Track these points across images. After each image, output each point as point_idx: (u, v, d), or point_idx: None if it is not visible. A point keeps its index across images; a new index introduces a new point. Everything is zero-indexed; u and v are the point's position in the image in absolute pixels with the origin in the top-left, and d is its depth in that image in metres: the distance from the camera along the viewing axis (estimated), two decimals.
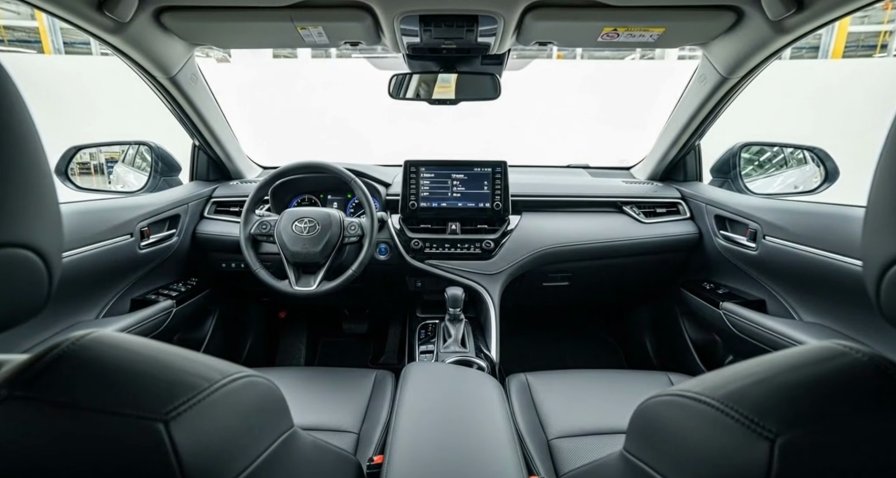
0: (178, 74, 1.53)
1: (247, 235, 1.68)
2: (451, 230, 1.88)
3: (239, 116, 2.32)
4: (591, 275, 2.03)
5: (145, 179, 1.98)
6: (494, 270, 1.83)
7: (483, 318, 1.83)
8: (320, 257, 1.64)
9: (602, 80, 12.23)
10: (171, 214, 1.78)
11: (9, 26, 22.53)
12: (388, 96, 1.77)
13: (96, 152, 2.57)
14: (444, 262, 1.85)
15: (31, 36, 23.17)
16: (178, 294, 1.74)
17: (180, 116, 1.78)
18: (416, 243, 1.85)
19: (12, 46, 19.91)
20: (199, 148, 2.03)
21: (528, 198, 1.97)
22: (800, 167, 1.97)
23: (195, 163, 2.06)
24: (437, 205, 1.89)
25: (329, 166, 1.71)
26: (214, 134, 1.93)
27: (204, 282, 1.95)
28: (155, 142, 1.99)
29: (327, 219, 1.66)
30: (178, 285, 1.82)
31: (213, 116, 1.87)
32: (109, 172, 2.22)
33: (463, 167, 1.89)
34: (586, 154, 2.45)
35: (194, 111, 1.76)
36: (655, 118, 2.22)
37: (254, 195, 1.71)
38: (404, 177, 1.89)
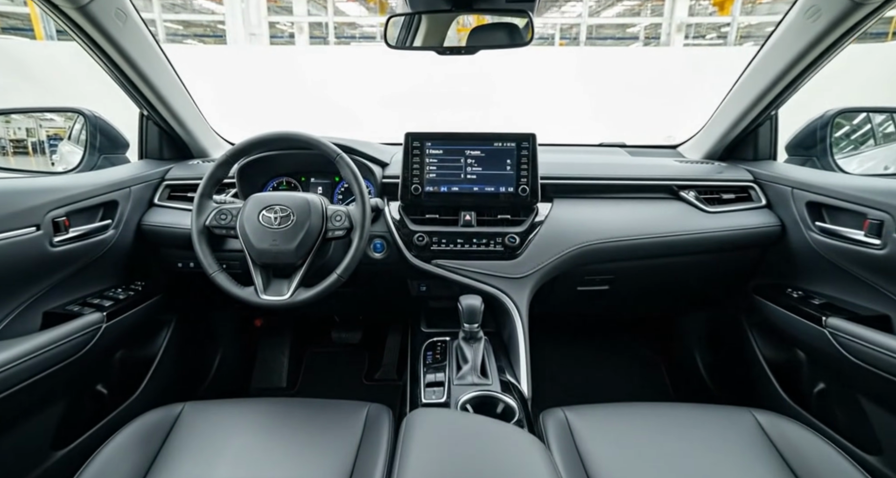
0: (90, 3, 1.12)
1: (199, 228, 1.29)
2: (464, 222, 1.49)
3: (230, 99, 1.96)
4: (637, 277, 1.64)
5: (78, 158, 1.57)
6: (521, 272, 1.43)
7: (506, 334, 1.44)
8: (295, 257, 1.25)
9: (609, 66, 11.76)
10: (105, 201, 1.38)
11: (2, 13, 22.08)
12: (386, 45, 1.36)
13: (36, 127, 2.17)
14: (455, 262, 1.46)
15: (26, 23, 22.81)
16: (113, 304, 1.35)
17: (112, 74, 1.38)
18: (420, 238, 1.45)
19: (6, 34, 19.49)
20: (147, 118, 1.62)
21: (561, 180, 1.57)
22: None
23: (143, 137, 1.65)
24: (448, 189, 1.50)
25: (305, 137, 1.31)
26: (164, 100, 1.52)
27: (154, 286, 1.55)
28: (91, 109, 1.58)
29: (305, 206, 1.27)
30: (115, 292, 1.42)
31: (160, 76, 1.47)
32: (53, 152, 1.80)
33: (480, 141, 1.49)
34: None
35: (131, 66, 1.35)
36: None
37: (210, 176, 1.31)
38: (405, 154, 1.49)
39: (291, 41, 14.55)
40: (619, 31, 29.19)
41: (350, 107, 9.87)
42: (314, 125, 1.44)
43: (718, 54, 15.02)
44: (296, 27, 20.58)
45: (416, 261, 1.46)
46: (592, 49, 14.36)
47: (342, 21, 25.14)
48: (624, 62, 12.46)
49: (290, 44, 14.32)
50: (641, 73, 10.95)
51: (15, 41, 13.92)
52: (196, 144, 1.72)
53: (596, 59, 12.54)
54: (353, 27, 28.78)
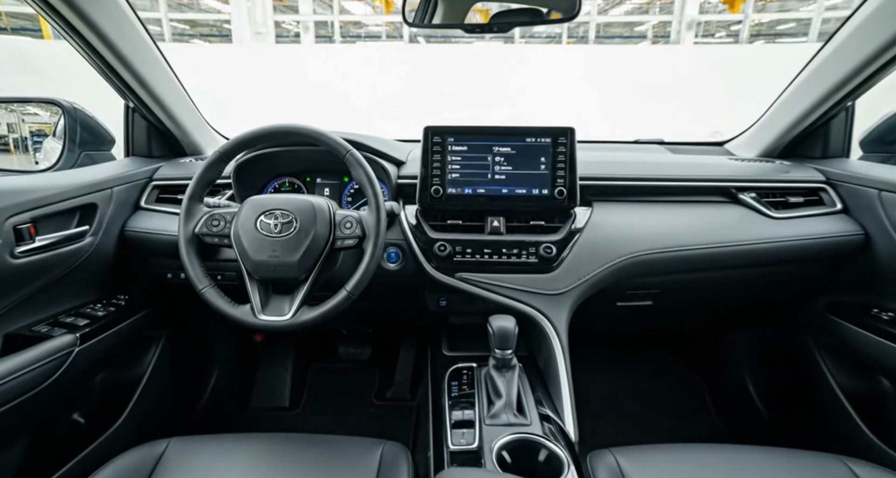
0: None
1: (188, 236, 1.10)
2: (491, 228, 1.30)
3: (232, 96, 1.79)
4: (686, 291, 1.44)
5: (56, 155, 1.40)
6: (558, 288, 1.24)
7: (542, 359, 1.25)
8: (298, 271, 1.07)
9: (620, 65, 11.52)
10: (81, 204, 1.20)
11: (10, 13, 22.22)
12: (404, 23, 1.17)
13: (18, 122, 2.03)
14: (482, 275, 1.27)
15: (35, 24, 23.03)
16: (89, 322, 1.17)
17: (87, 56, 1.20)
18: (441, 248, 1.26)
19: (16, 34, 19.60)
20: (133, 110, 1.44)
21: (601, 181, 1.37)
22: None
23: (129, 132, 1.47)
24: (472, 191, 1.31)
25: (310, 131, 1.13)
26: (151, 89, 1.34)
27: (140, 299, 1.37)
28: (71, 101, 1.41)
29: (309, 211, 1.08)
30: (94, 308, 1.24)
31: (145, 62, 1.29)
32: (37, 150, 1.63)
33: (510, 137, 1.30)
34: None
35: (108, 48, 1.17)
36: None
37: (200, 176, 1.13)
38: (425, 151, 1.30)
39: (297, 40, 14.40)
40: (626, 30, 28.89)
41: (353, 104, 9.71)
42: (318, 122, 1.26)
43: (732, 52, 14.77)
44: (301, 26, 20.45)
45: (438, 274, 1.27)
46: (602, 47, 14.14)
47: (348, 20, 25.00)
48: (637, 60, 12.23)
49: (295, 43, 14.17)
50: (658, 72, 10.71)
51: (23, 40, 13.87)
52: (189, 140, 1.54)
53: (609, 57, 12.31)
54: (359, 26, 28.65)
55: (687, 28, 18.73)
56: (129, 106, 1.43)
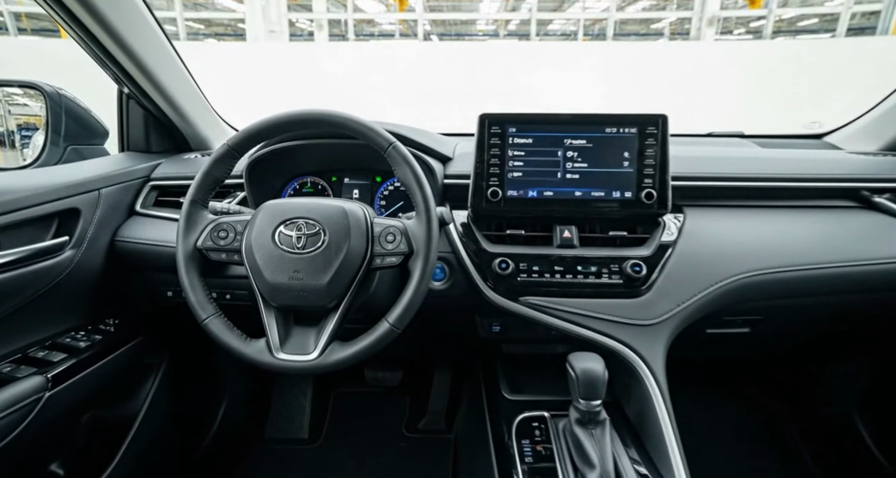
0: None
1: (188, 251, 0.87)
2: (562, 240, 1.05)
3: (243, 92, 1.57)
4: (796, 317, 1.18)
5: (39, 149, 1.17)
6: (652, 317, 0.98)
7: (634, 409, 0.99)
8: (328, 297, 0.83)
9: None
10: (60, 209, 0.97)
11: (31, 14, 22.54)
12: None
13: (4, 115, 1.84)
14: (553, 300, 1.01)
15: (53, 24, 23.51)
16: (66, 357, 0.94)
17: (79, 38, 0.98)
18: (503, 265, 1.02)
19: (35, 35, 19.90)
20: (128, 97, 1.22)
21: (694, 181, 1.12)
22: None
23: (124, 122, 1.25)
24: (538, 194, 1.06)
25: (344, 118, 0.88)
26: (150, 72, 1.12)
27: (133, 324, 1.14)
28: (54, 86, 1.18)
29: (341, 220, 0.85)
30: (76, 336, 1.01)
31: (143, 39, 1.06)
32: (25, 146, 1.41)
33: (586, 126, 1.05)
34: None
35: (93, 18, 0.94)
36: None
37: (204, 176, 0.89)
38: (480, 144, 1.05)
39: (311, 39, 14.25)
40: (642, 27, 28.36)
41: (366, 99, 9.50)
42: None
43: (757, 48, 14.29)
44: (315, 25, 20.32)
45: (497, 297, 1.02)
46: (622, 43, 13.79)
47: (361, 18, 24.86)
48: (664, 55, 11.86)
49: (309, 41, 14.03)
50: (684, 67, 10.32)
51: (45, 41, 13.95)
52: (194, 133, 1.31)
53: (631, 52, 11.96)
54: (372, 25, 28.51)
55: (708, 24, 18.24)
56: (124, 92, 1.21)
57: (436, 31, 28.94)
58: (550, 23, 27.04)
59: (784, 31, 24.25)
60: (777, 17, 21.60)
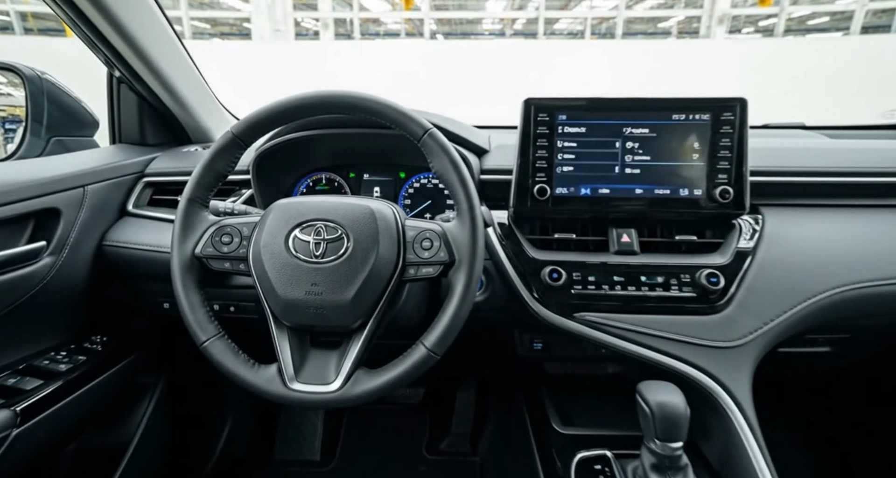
0: None
1: (184, 259, 0.73)
2: (620, 245, 0.90)
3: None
4: (887, 336, 1.02)
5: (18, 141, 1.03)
6: (734, 337, 0.83)
7: (717, 450, 0.84)
8: (352, 316, 0.69)
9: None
10: (36, 209, 0.83)
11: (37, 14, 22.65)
12: None
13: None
14: (614, 317, 0.86)
15: (59, 24, 23.69)
16: (40, 385, 0.79)
17: (61, 11, 0.84)
18: (554, 275, 0.87)
19: (42, 35, 20.04)
20: (119, 81, 1.07)
21: (774, 177, 0.96)
22: None
23: (115, 110, 1.10)
24: (593, 191, 0.91)
25: (370, 101, 0.73)
26: (144, 52, 0.98)
27: (125, 340, 1.00)
28: (35, 68, 1.04)
29: (369, 223, 0.70)
30: (56, 358, 0.87)
31: (134, 13, 0.91)
32: (9, 140, 1.27)
33: (650, 113, 0.90)
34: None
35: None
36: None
37: (204, 169, 0.75)
38: (525, 133, 0.91)
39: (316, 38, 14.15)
40: (649, 26, 28.12)
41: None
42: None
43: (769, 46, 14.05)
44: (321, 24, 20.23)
45: (548, 312, 0.87)
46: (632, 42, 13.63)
47: (366, 17, 24.75)
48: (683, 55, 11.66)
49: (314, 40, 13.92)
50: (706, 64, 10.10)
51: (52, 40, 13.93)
52: (194, 123, 1.17)
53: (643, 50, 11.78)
54: (378, 24, 28.41)
55: (718, 22, 18.00)
56: (114, 75, 1.06)
57: (441, 31, 28.79)
58: (557, 22, 26.85)
59: (794, 30, 23.96)
60: (787, 15, 21.33)
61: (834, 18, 23.95)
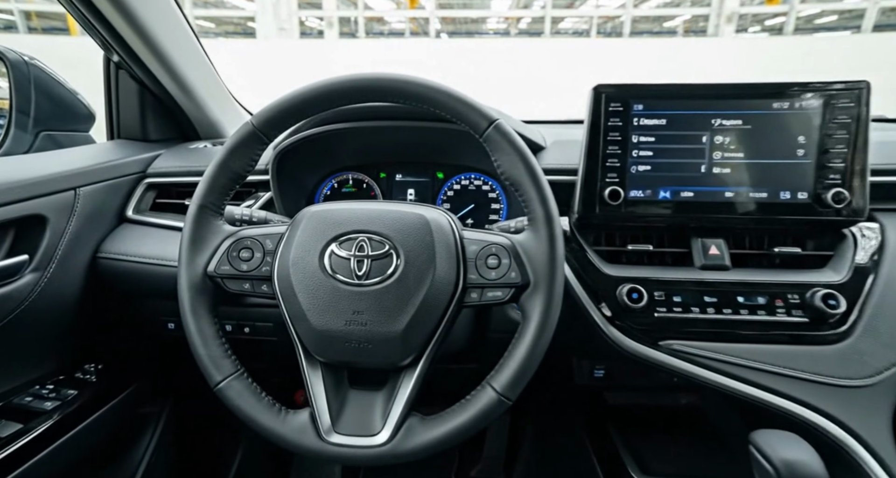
0: None
1: (195, 278, 0.59)
2: (707, 259, 0.76)
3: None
4: None
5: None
6: (864, 373, 0.68)
7: None
8: (403, 351, 0.56)
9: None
10: (16, 216, 0.69)
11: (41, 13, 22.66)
12: None
13: None
14: (703, 345, 0.72)
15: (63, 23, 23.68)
16: (19, 431, 0.65)
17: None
18: (634, 295, 0.72)
19: (46, 34, 20.09)
20: (118, 66, 0.94)
21: (889, 176, 0.82)
22: None
23: (113, 100, 0.97)
24: (673, 195, 0.77)
25: (423, 86, 0.59)
26: (147, 33, 0.84)
27: (124, 367, 0.86)
28: (20, 52, 0.90)
29: (423, 236, 0.58)
30: (40, 394, 0.73)
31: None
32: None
33: (744, 102, 0.76)
34: None
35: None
36: None
37: (218, 169, 0.61)
38: (594, 125, 0.77)
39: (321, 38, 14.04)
40: (655, 26, 27.91)
41: None
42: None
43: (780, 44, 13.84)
44: (325, 22, 20.12)
45: (628, 341, 0.73)
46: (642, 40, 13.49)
47: (371, 16, 24.64)
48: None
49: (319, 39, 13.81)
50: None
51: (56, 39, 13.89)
52: (203, 117, 1.03)
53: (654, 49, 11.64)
54: (382, 23, 28.31)
55: (727, 21, 17.79)
56: (112, 60, 0.93)
57: (446, 30, 28.64)
58: (562, 21, 26.67)
59: (801, 29, 23.72)
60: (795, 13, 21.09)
61: (842, 17, 23.70)
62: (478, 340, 0.90)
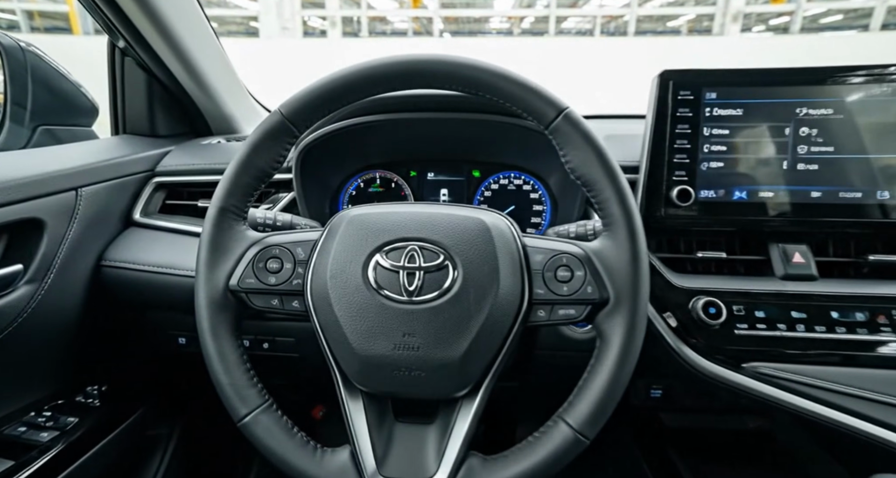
0: None
1: (215, 293, 0.50)
2: (790, 268, 0.67)
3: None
4: None
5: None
6: None
7: None
8: (461, 380, 0.48)
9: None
10: (10, 220, 0.61)
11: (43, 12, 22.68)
12: None
13: None
14: (790, 368, 0.63)
15: (66, 23, 23.72)
16: (10, 469, 0.56)
17: None
18: (711, 310, 0.63)
19: (48, 33, 20.16)
20: (124, 53, 0.85)
21: None
22: None
23: (118, 91, 0.88)
24: (750, 195, 0.69)
25: (475, 70, 0.50)
26: (157, 14, 0.75)
27: (128, 388, 0.77)
28: (15, 38, 0.82)
29: (483, 244, 0.49)
30: (38, 424, 0.64)
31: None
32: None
33: (835, 88, 0.66)
34: None
35: None
36: None
37: (241, 167, 0.51)
38: (659, 117, 0.68)
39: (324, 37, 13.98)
40: (659, 25, 27.78)
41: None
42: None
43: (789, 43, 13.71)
44: (328, 22, 20.06)
45: (706, 363, 0.64)
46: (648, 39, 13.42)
47: (374, 15, 24.57)
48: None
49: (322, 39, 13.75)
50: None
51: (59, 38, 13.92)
52: (217, 110, 0.94)
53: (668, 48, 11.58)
54: (385, 22, 28.26)
55: (732, 20, 17.66)
56: (117, 46, 0.84)
57: (449, 29, 28.56)
58: (565, 20, 26.56)
59: (806, 29, 23.58)
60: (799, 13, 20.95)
61: (847, 16, 23.53)
62: (521, 355, 0.81)
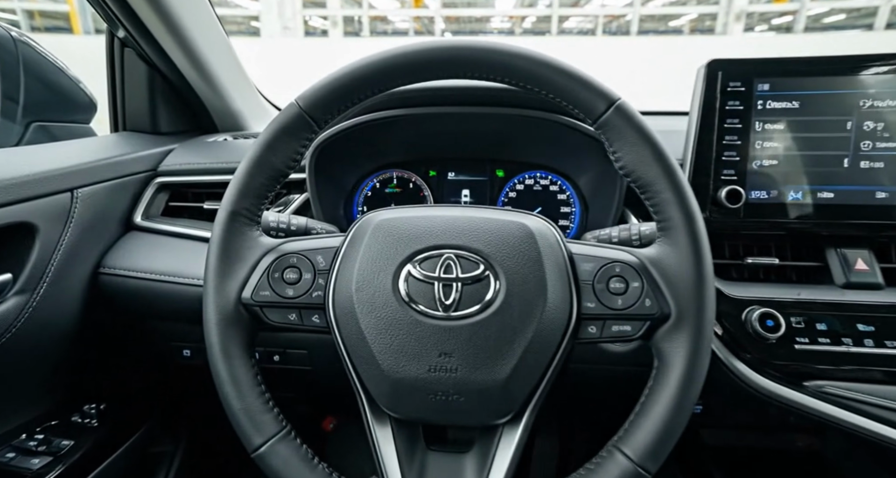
0: None
1: (225, 308, 0.44)
2: (853, 275, 0.61)
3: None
4: None
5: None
6: None
7: None
8: (505, 406, 0.44)
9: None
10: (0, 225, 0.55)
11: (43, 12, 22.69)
12: None
13: None
14: (856, 387, 0.57)
15: (66, 23, 23.73)
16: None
17: None
18: (766, 322, 0.58)
19: (48, 33, 20.18)
20: (124, 44, 0.79)
21: None
22: None
23: (118, 85, 0.82)
24: (806, 196, 0.63)
25: (517, 58, 0.43)
26: (162, 4, 0.69)
27: (128, 406, 0.71)
28: (7, 28, 0.76)
29: (529, 254, 0.44)
30: (29, 447, 0.59)
31: None
32: None
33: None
34: None
35: None
36: None
37: (254, 166, 0.45)
38: (706, 110, 0.62)
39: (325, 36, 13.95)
40: (660, 25, 27.70)
41: None
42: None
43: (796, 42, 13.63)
44: (329, 22, 20.02)
45: (765, 381, 0.58)
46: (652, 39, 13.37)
47: (375, 15, 24.53)
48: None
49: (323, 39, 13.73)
50: None
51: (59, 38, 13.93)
52: (223, 106, 0.89)
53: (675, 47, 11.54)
54: (386, 22, 28.22)
55: (736, 19, 17.58)
56: (117, 36, 0.78)
57: (450, 29, 28.51)
58: (567, 20, 26.49)
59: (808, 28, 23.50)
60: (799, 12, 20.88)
61: (850, 16, 23.44)
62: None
